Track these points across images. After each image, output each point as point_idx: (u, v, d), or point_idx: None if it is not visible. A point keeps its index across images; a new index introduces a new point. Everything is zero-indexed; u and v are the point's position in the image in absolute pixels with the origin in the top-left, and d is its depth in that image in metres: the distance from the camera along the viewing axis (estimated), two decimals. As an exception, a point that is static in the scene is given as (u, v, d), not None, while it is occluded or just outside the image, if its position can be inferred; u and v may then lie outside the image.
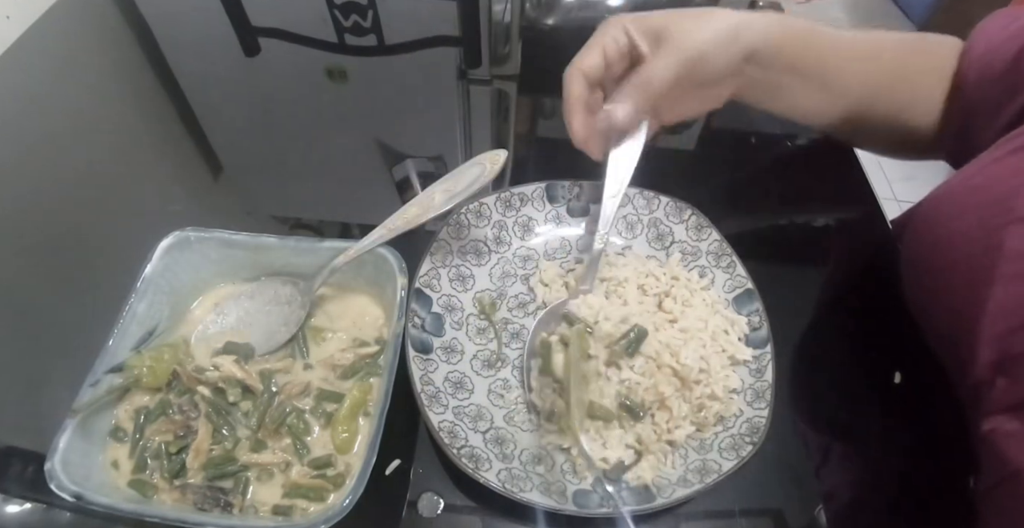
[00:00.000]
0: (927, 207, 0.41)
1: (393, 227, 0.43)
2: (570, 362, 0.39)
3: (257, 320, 0.45)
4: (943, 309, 0.39)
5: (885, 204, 0.57)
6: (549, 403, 0.40)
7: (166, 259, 0.43)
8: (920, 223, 0.42)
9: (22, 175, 0.58)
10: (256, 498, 0.38)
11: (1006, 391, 0.33)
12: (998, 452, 0.32)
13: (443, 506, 0.39)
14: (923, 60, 0.48)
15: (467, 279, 0.48)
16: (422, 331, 0.44)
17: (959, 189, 0.40)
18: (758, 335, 0.44)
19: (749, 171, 0.62)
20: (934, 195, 0.41)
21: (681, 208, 0.50)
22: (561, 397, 0.40)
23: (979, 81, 0.44)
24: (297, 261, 0.45)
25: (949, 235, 0.38)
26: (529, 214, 0.51)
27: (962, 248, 0.37)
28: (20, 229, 0.54)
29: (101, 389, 0.38)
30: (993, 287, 0.34)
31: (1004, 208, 0.35)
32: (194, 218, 0.45)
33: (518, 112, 0.69)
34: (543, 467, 0.40)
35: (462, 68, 0.68)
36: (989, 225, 0.36)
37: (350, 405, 0.40)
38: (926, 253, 0.41)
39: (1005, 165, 0.37)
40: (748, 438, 0.39)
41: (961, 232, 0.38)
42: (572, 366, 0.38)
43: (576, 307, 0.43)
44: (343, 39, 0.68)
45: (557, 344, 0.41)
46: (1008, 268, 0.34)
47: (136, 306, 0.41)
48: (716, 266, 0.48)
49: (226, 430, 0.39)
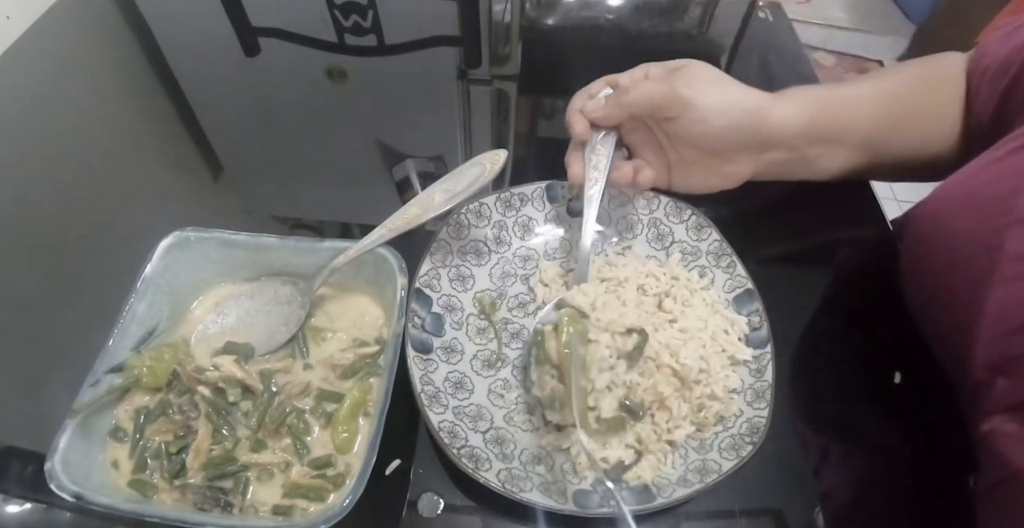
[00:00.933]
0: (927, 207, 0.41)
1: (393, 227, 0.43)
2: (565, 345, 0.38)
3: (257, 320, 0.45)
4: (942, 309, 0.39)
5: (885, 204, 0.57)
6: (549, 390, 0.40)
7: (166, 259, 0.43)
8: (920, 223, 0.42)
9: (22, 175, 0.58)
10: (256, 498, 0.38)
11: (1006, 392, 0.33)
12: (997, 453, 0.32)
13: (443, 506, 0.39)
14: (934, 94, 0.48)
15: (467, 279, 0.48)
16: (422, 331, 0.44)
17: (959, 189, 0.40)
18: (758, 335, 0.44)
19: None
20: (934, 195, 0.41)
21: (681, 208, 0.50)
22: (561, 382, 0.39)
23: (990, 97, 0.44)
24: (297, 261, 0.45)
25: (949, 235, 0.38)
26: (529, 214, 0.51)
27: (962, 249, 0.37)
28: (20, 229, 0.54)
29: (101, 389, 0.38)
30: (993, 288, 0.34)
31: (1004, 208, 0.35)
32: (194, 218, 0.45)
33: (518, 112, 0.69)
34: (543, 467, 0.40)
35: (462, 68, 0.68)
36: (989, 226, 0.36)
37: (350, 405, 0.40)
38: (926, 253, 0.41)
39: (1005, 165, 0.37)
40: (748, 438, 0.39)
41: (961, 232, 0.38)
42: (571, 347, 0.38)
43: (571, 297, 0.42)
44: (343, 39, 0.68)
45: (550, 331, 0.40)
46: (1008, 269, 0.34)
47: (136, 306, 0.41)
48: (716, 266, 0.48)
49: (226, 430, 0.39)
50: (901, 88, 0.48)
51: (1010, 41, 0.44)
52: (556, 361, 0.39)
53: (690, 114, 0.42)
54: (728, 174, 0.47)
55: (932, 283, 0.40)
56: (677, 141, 0.46)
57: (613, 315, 0.41)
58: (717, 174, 0.47)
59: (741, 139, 0.44)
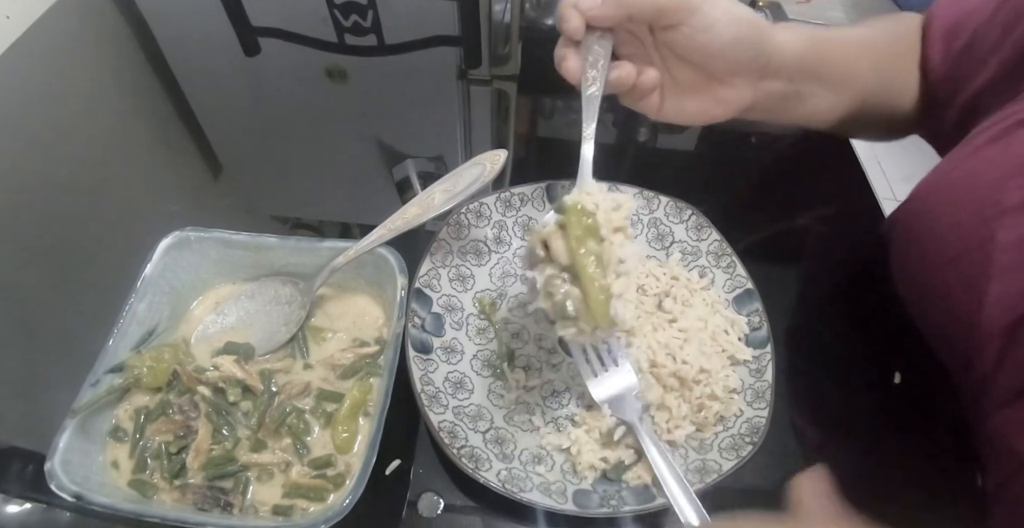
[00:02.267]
0: (911, 206, 0.42)
1: (393, 227, 0.43)
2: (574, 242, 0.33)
3: (257, 320, 0.45)
4: (940, 306, 0.39)
5: (885, 204, 0.57)
6: (561, 294, 0.34)
7: (166, 259, 0.43)
8: (906, 223, 0.42)
9: (22, 175, 0.58)
10: (256, 498, 0.38)
11: (1013, 381, 0.33)
12: (1006, 446, 0.32)
13: (443, 506, 0.39)
14: (899, 46, 0.48)
15: (467, 279, 0.48)
16: (422, 331, 0.44)
17: (940, 184, 0.40)
18: (758, 335, 0.44)
19: (749, 171, 0.63)
20: (915, 194, 0.41)
21: (681, 208, 0.50)
22: (575, 285, 0.34)
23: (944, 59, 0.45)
24: (297, 261, 0.45)
25: (938, 233, 0.38)
26: (529, 214, 0.51)
27: (954, 244, 0.37)
28: (20, 229, 0.54)
29: (101, 389, 0.38)
30: (991, 281, 0.34)
31: (991, 201, 0.35)
32: (194, 218, 0.45)
33: (518, 112, 0.69)
34: (543, 467, 0.40)
35: (462, 68, 0.68)
36: (978, 218, 0.36)
37: (350, 405, 0.40)
38: (917, 252, 0.41)
39: (983, 157, 0.37)
40: (748, 438, 0.39)
41: (950, 229, 0.37)
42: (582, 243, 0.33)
43: (573, 198, 0.36)
44: (343, 39, 0.68)
45: (554, 231, 0.34)
46: (1004, 259, 0.34)
47: (136, 306, 0.41)
48: (716, 266, 0.48)
49: (226, 430, 0.39)
50: (878, 38, 0.49)
51: (958, 5, 0.44)
52: (567, 262, 0.34)
53: (695, 21, 0.39)
54: (725, 100, 0.43)
55: (926, 281, 0.40)
56: (674, 58, 0.42)
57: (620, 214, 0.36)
58: (714, 99, 0.43)
59: (744, 57, 0.41)
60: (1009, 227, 0.34)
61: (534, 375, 0.44)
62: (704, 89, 0.42)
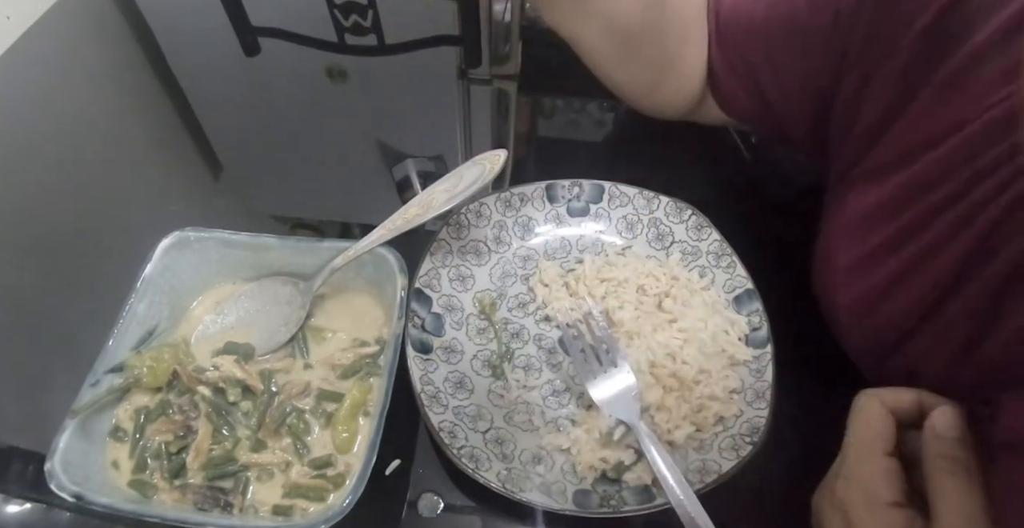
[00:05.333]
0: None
1: (393, 227, 0.43)
2: None
3: (257, 320, 0.45)
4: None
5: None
6: None
7: (166, 259, 0.43)
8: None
9: (22, 175, 0.58)
10: (256, 498, 0.38)
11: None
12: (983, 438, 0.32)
13: (443, 506, 0.39)
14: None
15: (467, 279, 0.48)
16: (422, 331, 0.44)
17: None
18: (758, 335, 0.44)
19: (749, 171, 0.62)
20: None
21: (681, 208, 0.50)
22: None
23: (728, 48, 0.44)
24: (297, 261, 0.45)
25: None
26: (529, 214, 0.51)
27: (823, 297, 0.43)
28: (20, 229, 0.54)
29: (101, 389, 0.38)
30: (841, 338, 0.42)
31: (831, 262, 0.40)
32: (194, 218, 0.45)
33: (518, 112, 0.69)
34: (543, 467, 0.40)
35: (462, 68, 0.68)
36: (826, 278, 0.41)
37: (350, 405, 0.40)
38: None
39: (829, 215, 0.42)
40: (748, 438, 0.39)
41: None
42: None
43: None
44: (343, 39, 0.68)
45: None
46: (844, 320, 0.40)
47: (136, 306, 0.41)
48: (716, 266, 0.48)
49: (226, 430, 0.40)
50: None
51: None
52: None
53: None
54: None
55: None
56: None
57: None
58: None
59: None
60: (842, 288, 0.38)
61: (534, 375, 0.44)
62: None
